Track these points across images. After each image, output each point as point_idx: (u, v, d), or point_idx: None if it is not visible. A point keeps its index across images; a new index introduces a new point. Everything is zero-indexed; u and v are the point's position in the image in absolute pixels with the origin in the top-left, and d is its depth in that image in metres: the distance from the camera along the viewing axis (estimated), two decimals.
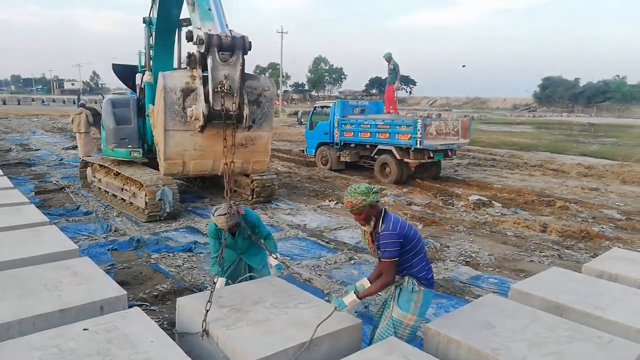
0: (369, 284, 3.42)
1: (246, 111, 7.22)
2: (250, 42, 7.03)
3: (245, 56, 7.04)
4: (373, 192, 3.26)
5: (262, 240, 4.32)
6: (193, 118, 7.16)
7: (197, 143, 7.97)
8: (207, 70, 6.89)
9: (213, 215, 4.00)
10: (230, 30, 6.98)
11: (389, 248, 3.19)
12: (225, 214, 3.90)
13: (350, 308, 3.37)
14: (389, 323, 3.39)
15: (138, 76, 9.83)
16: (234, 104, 6.83)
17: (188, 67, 7.46)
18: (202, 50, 6.74)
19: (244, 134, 7.89)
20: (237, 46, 6.88)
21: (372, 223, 3.32)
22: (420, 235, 3.41)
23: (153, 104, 8.37)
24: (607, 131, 33.06)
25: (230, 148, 4.54)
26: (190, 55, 7.25)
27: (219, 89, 6.85)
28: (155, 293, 5.25)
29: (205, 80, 7.01)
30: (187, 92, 7.51)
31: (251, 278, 4.32)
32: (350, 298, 3.31)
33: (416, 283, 3.31)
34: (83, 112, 13.89)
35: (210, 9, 6.96)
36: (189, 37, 6.92)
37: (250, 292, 3.81)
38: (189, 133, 7.76)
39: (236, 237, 4.29)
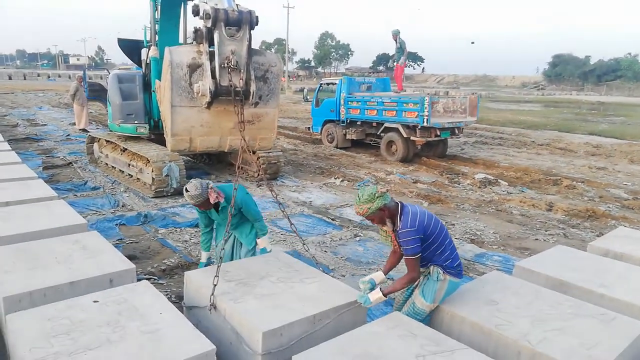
0: (383, 276, 3.45)
1: (253, 87, 7.19)
2: (257, 17, 6.94)
3: (252, 31, 6.96)
4: (377, 197, 3.13)
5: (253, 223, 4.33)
6: (200, 94, 7.15)
7: (204, 119, 7.98)
8: (213, 45, 6.83)
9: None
10: (237, 5, 6.88)
11: (409, 245, 3.14)
12: (186, 191, 3.99)
13: (374, 305, 3.35)
14: (410, 309, 3.41)
15: (144, 51, 9.77)
16: (240, 80, 6.79)
17: (194, 42, 7.40)
18: (209, 25, 6.68)
19: (250, 110, 7.88)
20: (244, 21, 6.81)
21: (389, 223, 3.24)
22: (443, 225, 3.35)
23: (159, 79, 8.35)
24: (617, 110, 32.61)
25: (239, 125, 4.49)
26: (196, 30, 7.18)
27: (225, 65, 6.80)
28: (163, 267, 5.32)
29: (211, 56, 6.96)
30: (194, 67, 7.48)
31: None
32: (375, 295, 3.25)
33: (441, 272, 3.30)
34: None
35: None
36: (195, 12, 6.85)
37: (256, 267, 3.86)
38: (196, 109, 7.76)
39: (220, 213, 4.22)
